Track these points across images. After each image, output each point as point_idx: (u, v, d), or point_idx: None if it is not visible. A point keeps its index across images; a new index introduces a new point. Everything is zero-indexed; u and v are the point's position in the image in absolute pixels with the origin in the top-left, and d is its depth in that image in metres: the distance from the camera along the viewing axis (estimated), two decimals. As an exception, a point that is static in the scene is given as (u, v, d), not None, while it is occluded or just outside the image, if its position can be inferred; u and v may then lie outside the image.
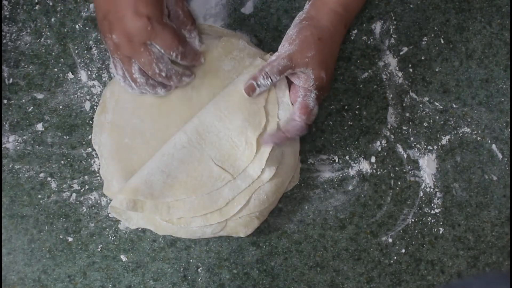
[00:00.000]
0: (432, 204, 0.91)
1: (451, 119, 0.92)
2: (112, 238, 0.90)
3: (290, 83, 0.85)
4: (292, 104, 0.84)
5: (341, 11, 0.84)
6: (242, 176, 0.84)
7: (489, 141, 0.92)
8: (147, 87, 0.83)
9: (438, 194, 0.91)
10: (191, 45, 0.84)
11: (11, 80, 0.92)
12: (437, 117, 0.92)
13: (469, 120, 0.92)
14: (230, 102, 0.84)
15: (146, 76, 0.82)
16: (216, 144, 0.83)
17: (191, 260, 0.90)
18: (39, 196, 0.90)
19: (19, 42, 0.92)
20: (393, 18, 0.93)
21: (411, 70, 0.93)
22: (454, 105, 0.92)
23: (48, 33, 0.93)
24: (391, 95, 0.92)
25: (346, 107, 0.92)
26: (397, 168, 0.91)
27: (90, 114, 0.92)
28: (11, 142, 0.91)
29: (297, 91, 0.83)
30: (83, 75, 0.92)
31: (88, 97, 0.92)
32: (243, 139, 0.83)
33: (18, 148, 0.91)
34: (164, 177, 0.83)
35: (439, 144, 0.92)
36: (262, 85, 0.82)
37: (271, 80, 0.81)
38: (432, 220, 0.91)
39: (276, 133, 0.83)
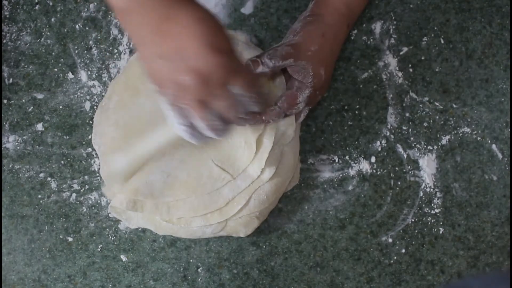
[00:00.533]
0: (432, 204, 0.91)
1: (451, 119, 0.92)
2: (112, 238, 0.90)
3: (287, 81, 0.85)
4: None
5: (345, 10, 0.84)
6: (242, 176, 0.84)
7: (489, 141, 0.92)
8: (223, 133, 0.70)
9: (438, 194, 0.91)
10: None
11: (11, 80, 0.92)
12: (437, 117, 0.92)
13: (469, 120, 0.92)
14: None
15: (223, 121, 0.69)
16: (216, 144, 0.83)
17: (191, 260, 0.90)
18: (39, 196, 0.90)
19: (19, 42, 0.92)
20: (393, 18, 0.93)
21: (411, 70, 0.93)
22: (454, 105, 0.92)
23: (48, 33, 0.93)
24: (391, 95, 0.92)
25: (346, 107, 0.92)
26: (397, 168, 0.91)
27: (90, 114, 0.92)
28: (11, 142, 0.91)
29: (292, 83, 0.83)
30: (83, 75, 0.92)
31: (88, 97, 0.92)
32: (243, 139, 0.83)
33: (18, 148, 0.91)
34: (164, 177, 0.83)
35: (439, 144, 0.92)
36: (266, 63, 0.79)
37: (273, 63, 0.80)
38: (432, 220, 0.91)
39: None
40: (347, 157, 0.91)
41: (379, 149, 0.92)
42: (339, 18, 0.84)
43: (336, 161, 0.91)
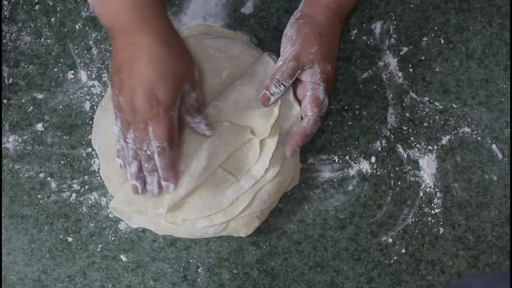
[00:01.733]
0: (432, 204, 0.91)
1: (451, 119, 0.92)
2: (112, 238, 0.90)
3: (296, 81, 0.85)
4: (298, 100, 0.85)
5: (334, 6, 0.85)
6: (245, 177, 0.84)
7: (489, 141, 0.92)
8: (131, 153, 0.79)
9: (438, 194, 0.91)
10: (195, 129, 0.81)
11: (11, 80, 0.92)
12: (437, 117, 0.92)
13: (469, 120, 0.92)
14: (231, 104, 0.84)
15: (136, 147, 0.79)
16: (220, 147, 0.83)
17: (191, 260, 0.90)
18: (39, 196, 0.90)
19: (19, 42, 0.92)
20: (393, 18, 0.93)
21: (411, 70, 0.93)
22: (454, 105, 0.92)
23: (48, 33, 0.93)
24: (391, 95, 0.92)
25: (346, 107, 0.92)
26: (397, 168, 0.91)
27: (90, 114, 0.92)
28: (11, 142, 0.91)
29: (305, 86, 0.83)
30: (83, 75, 0.92)
31: (88, 97, 0.92)
32: (247, 142, 0.83)
33: (18, 148, 0.91)
34: None
35: (439, 144, 0.92)
36: (275, 93, 0.82)
37: (284, 86, 0.81)
38: (432, 220, 0.91)
39: (295, 137, 0.84)
40: (347, 157, 0.91)
41: (379, 149, 0.92)
42: (330, 14, 0.85)
43: (336, 161, 0.91)
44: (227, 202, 0.83)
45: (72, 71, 0.92)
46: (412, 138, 0.92)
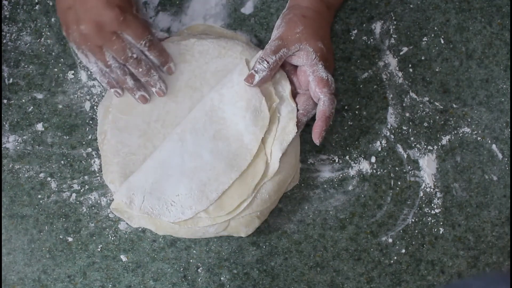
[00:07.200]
0: (432, 204, 0.91)
1: (451, 119, 0.92)
2: (112, 238, 0.90)
3: (296, 73, 0.85)
4: (296, 96, 0.85)
5: None
6: (247, 173, 0.84)
7: (489, 141, 0.92)
8: (119, 73, 0.83)
9: (438, 194, 0.91)
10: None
11: (11, 80, 0.92)
12: (437, 117, 0.92)
13: (469, 120, 0.92)
14: (231, 102, 0.84)
15: (119, 63, 0.83)
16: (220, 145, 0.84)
17: (191, 260, 0.90)
18: (39, 196, 0.90)
19: (19, 42, 0.92)
20: (393, 18, 0.93)
21: (411, 70, 0.93)
22: (454, 105, 0.92)
23: (48, 33, 0.93)
24: (391, 95, 0.92)
25: (346, 107, 0.92)
26: (397, 168, 0.91)
27: (90, 114, 0.92)
28: (11, 142, 0.91)
29: (304, 72, 0.83)
30: (83, 75, 0.92)
31: (88, 97, 0.92)
32: (247, 137, 0.84)
33: (18, 148, 0.91)
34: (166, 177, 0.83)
35: (439, 144, 0.92)
36: (259, 70, 0.81)
37: (267, 62, 0.81)
38: (432, 220, 0.91)
39: (317, 122, 0.82)
40: (347, 157, 0.91)
41: (379, 149, 0.92)
42: (314, 1, 0.85)
43: (336, 161, 0.91)
44: (230, 200, 0.83)
45: (72, 71, 0.92)
46: (412, 138, 0.92)
